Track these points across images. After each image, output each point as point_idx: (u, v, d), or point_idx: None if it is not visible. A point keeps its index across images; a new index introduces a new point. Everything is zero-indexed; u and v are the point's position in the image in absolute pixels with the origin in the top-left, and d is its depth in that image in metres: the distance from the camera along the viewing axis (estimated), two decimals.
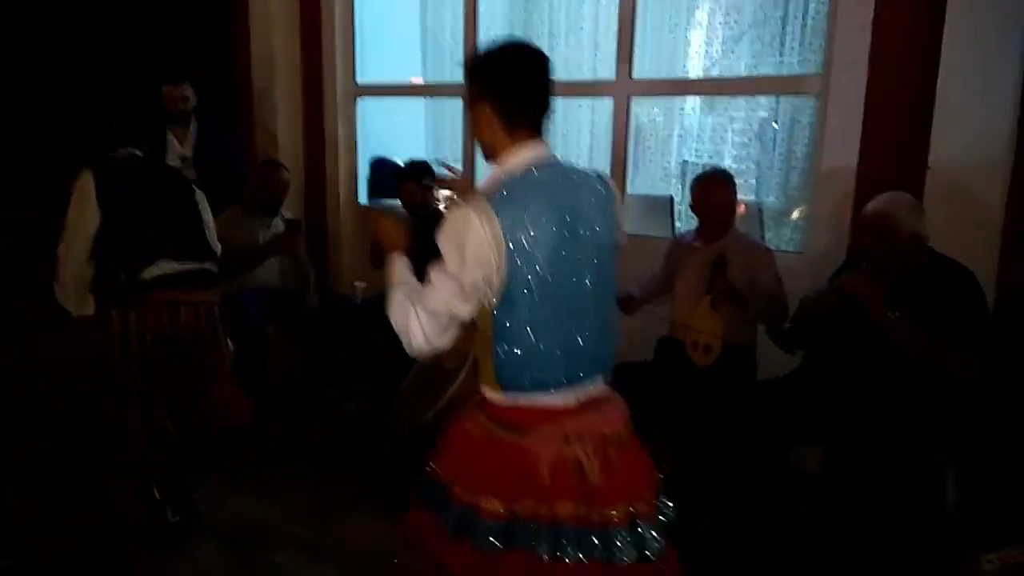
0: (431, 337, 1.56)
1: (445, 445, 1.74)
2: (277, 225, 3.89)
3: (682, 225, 3.93)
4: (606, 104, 4.06)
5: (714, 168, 3.17)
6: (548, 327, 1.57)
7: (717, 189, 3.07)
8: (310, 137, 4.89)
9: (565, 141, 4.49)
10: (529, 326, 1.56)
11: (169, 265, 2.77)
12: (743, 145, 4.00)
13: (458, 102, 4.03)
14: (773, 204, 3.97)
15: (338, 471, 3.25)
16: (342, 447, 3.45)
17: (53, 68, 5.30)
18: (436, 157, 4.60)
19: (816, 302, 2.62)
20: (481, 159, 1.78)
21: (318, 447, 3.50)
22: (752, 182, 3.97)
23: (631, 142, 3.99)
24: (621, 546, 1.59)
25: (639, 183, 4.15)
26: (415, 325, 1.56)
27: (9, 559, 2.65)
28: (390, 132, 4.73)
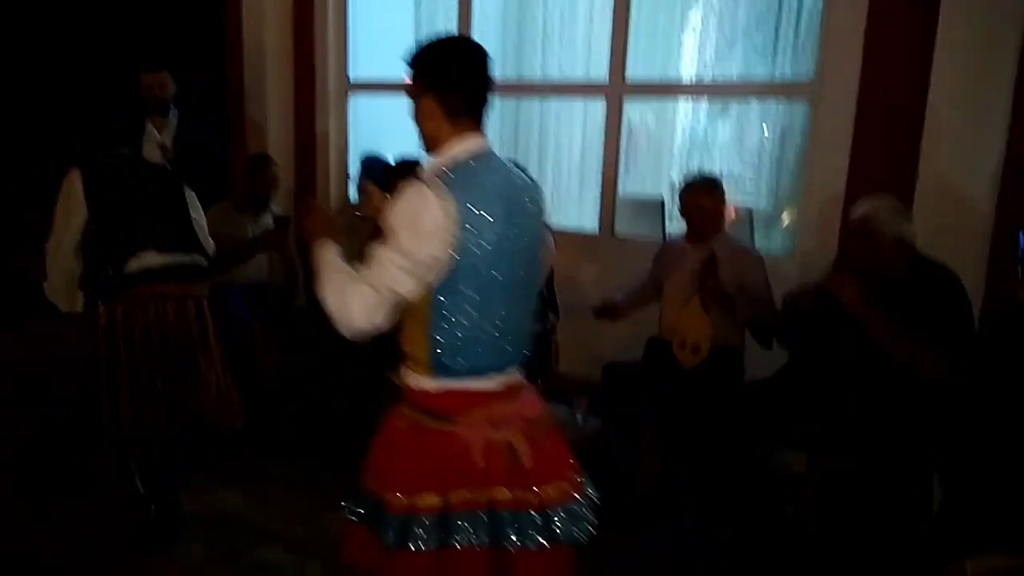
0: (373, 316, 1.54)
1: (373, 451, 1.72)
2: (266, 221, 3.87)
3: (673, 228, 3.93)
4: (599, 105, 4.06)
5: (702, 174, 3.19)
6: (484, 313, 1.60)
7: (705, 195, 3.08)
8: (301, 132, 4.86)
9: (557, 141, 4.49)
10: (468, 310, 1.58)
11: (153, 257, 2.76)
12: (735, 150, 4.02)
13: None
14: (764, 209, 3.99)
15: (325, 468, 3.23)
16: (329, 444, 3.44)
17: (50, 68, 5.26)
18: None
19: (798, 298, 2.65)
20: None
21: (305, 444, 3.48)
22: (743, 187, 3.98)
23: (623, 143, 4.00)
24: (560, 525, 1.63)
25: (631, 185, 4.15)
26: (355, 302, 1.54)
27: None
28: (381, 129, 4.71)
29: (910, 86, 2.94)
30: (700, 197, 3.08)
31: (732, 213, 3.80)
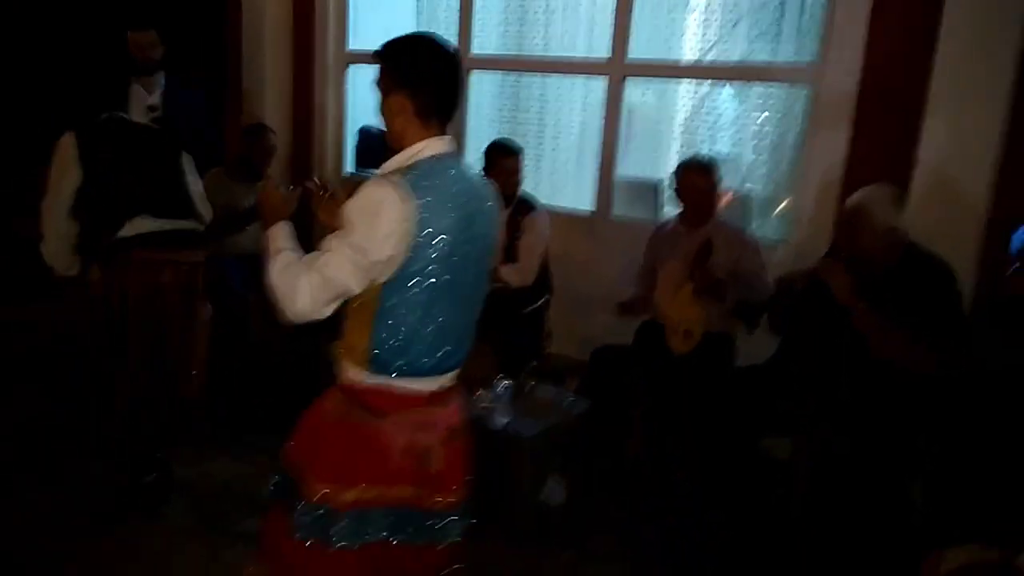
0: (318, 303, 1.54)
1: (301, 428, 1.74)
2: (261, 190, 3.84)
3: (668, 211, 3.92)
4: (599, 84, 4.03)
5: (698, 155, 3.18)
6: (430, 315, 1.59)
7: (701, 176, 3.07)
8: (298, 103, 4.83)
9: (556, 119, 4.45)
10: (414, 311, 1.57)
11: (148, 222, 2.76)
12: (734, 133, 3.99)
13: None
14: (762, 193, 3.98)
15: None
16: None
17: (35, 25, 5.14)
18: None
19: (791, 283, 2.66)
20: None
21: (295, 415, 3.49)
22: (741, 170, 3.96)
23: (623, 123, 3.97)
24: (449, 527, 1.69)
25: (628, 166, 4.13)
26: (304, 288, 1.53)
27: None
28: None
29: (912, 74, 2.92)
30: (696, 177, 3.08)
31: (729, 197, 3.79)
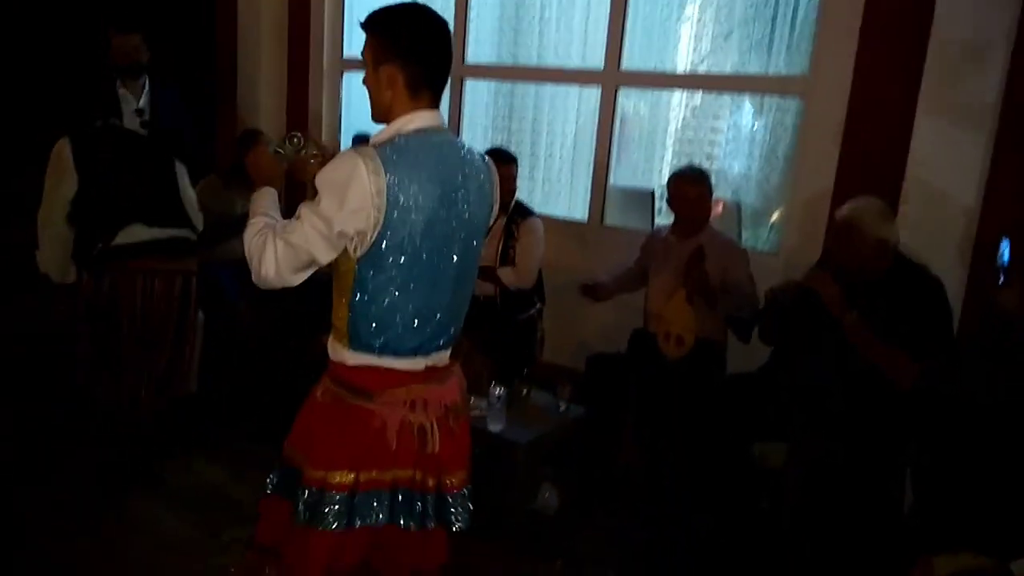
0: (283, 270, 1.54)
1: (297, 420, 1.74)
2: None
3: (661, 220, 3.95)
4: (593, 93, 4.05)
5: (690, 165, 3.21)
6: (408, 292, 1.57)
7: (693, 185, 3.10)
8: (293, 109, 4.84)
9: (551, 127, 4.48)
10: (391, 287, 1.56)
11: (142, 231, 2.76)
12: (726, 143, 4.02)
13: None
14: (753, 204, 4.01)
15: None
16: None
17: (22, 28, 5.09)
18: None
19: (781, 293, 2.68)
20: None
21: (288, 422, 3.48)
22: (733, 181, 4.00)
23: (616, 132, 4.00)
24: (451, 510, 1.67)
25: (621, 175, 4.16)
26: (270, 253, 1.53)
27: None
28: None
29: (901, 87, 2.95)
30: (688, 187, 3.10)
31: (721, 207, 3.82)
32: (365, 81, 1.62)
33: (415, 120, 1.58)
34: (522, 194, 3.70)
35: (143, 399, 2.89)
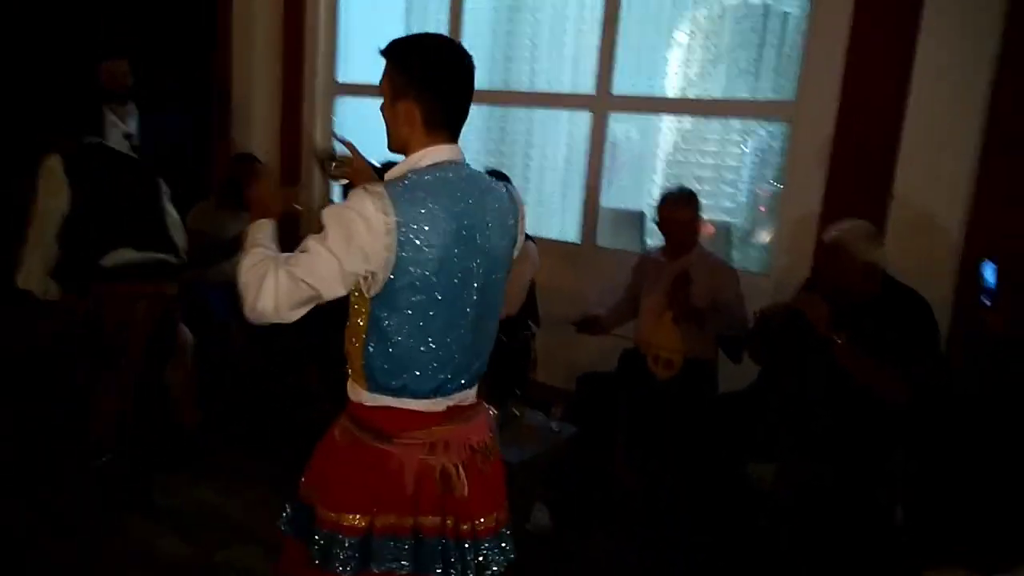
0: (282, 304, 1.44)
1: (313, 458, 1.69)
2: (247, 220, 3.84)
3: (652, 241, 3.99)
4: (584, 117, 4.11)
5: (680, 187, 3.25)
6: (425, 332, 1.51)
7: (682, 208, 3.14)
8: (287, 133, 4.87)
9: (542, 151, 4.53)
10: (407, 326, 1.50)
11: (129, 254, 2.77)
12: (715, 166, 4.09)
13: None
14: (741, 225, 4.06)
15: (300, 468, 3.22)
16: (305, 444, 3.43)
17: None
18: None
19: (770, 314, 2.71)
20: None
21: (281, 444, 3.47)
22: (722, 203, 4.05)
23: (607, 156, 4.05)
24: (486, 555, 1.59)
25: (612, 197, 4.20)
26: (270, 285, 1.42)
27: None
28: (367, 133, 4.71)
29: (887, 111, 3.01)
30: (677, 209, 3.14)
31: (710, 229, 3.86)
32: (382, 111, 1.57)
33: (429, 155, 1.53)
34: None
35: (128, 421, 2.89)
